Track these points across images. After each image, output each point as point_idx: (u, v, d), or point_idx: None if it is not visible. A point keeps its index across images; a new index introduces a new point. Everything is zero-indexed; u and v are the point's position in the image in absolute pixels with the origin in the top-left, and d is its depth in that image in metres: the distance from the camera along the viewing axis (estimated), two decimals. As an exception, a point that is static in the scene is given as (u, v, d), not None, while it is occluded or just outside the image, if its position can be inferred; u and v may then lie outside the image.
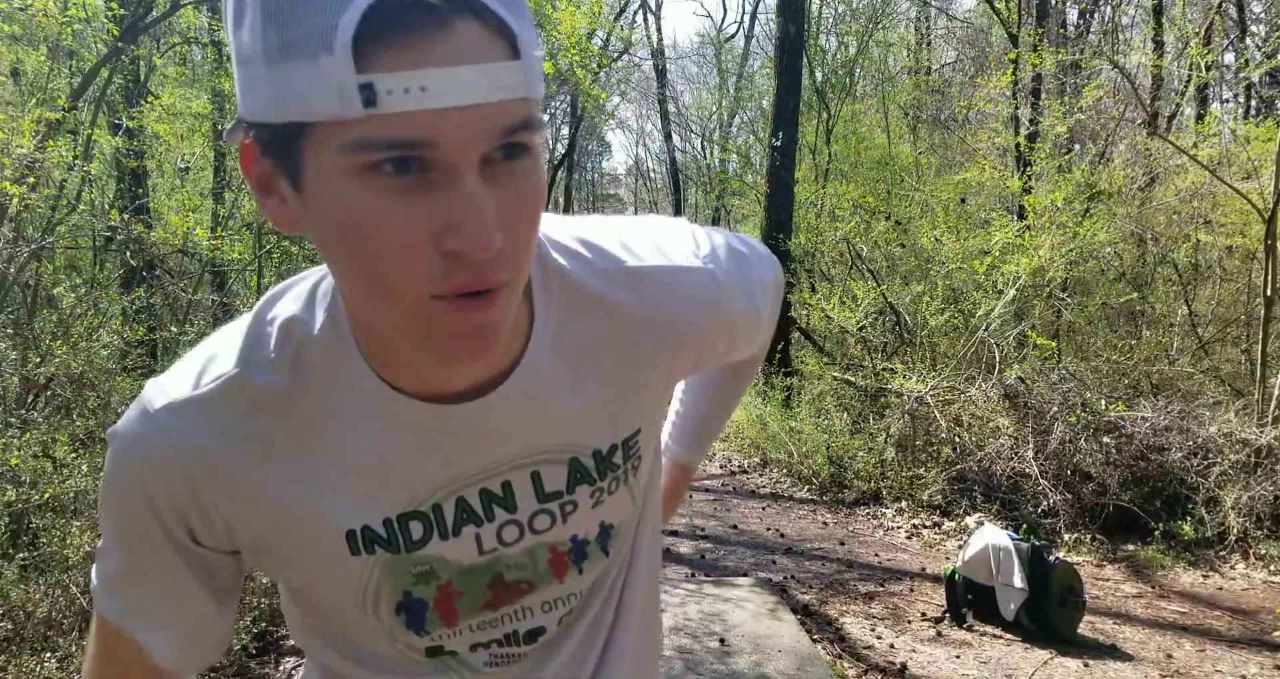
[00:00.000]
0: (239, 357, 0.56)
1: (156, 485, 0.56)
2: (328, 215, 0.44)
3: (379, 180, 0.42)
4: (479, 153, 0.43)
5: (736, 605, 3.61)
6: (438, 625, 0.63)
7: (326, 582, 0.61)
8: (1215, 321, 6.87)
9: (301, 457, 0.56)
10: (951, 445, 5.52)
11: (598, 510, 0.64)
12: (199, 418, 0.55)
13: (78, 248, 4.55)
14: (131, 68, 4.80)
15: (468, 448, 0.57)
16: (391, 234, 0.43)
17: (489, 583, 0.63)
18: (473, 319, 0.46)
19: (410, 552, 0.59)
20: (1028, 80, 8.34)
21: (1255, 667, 3.19)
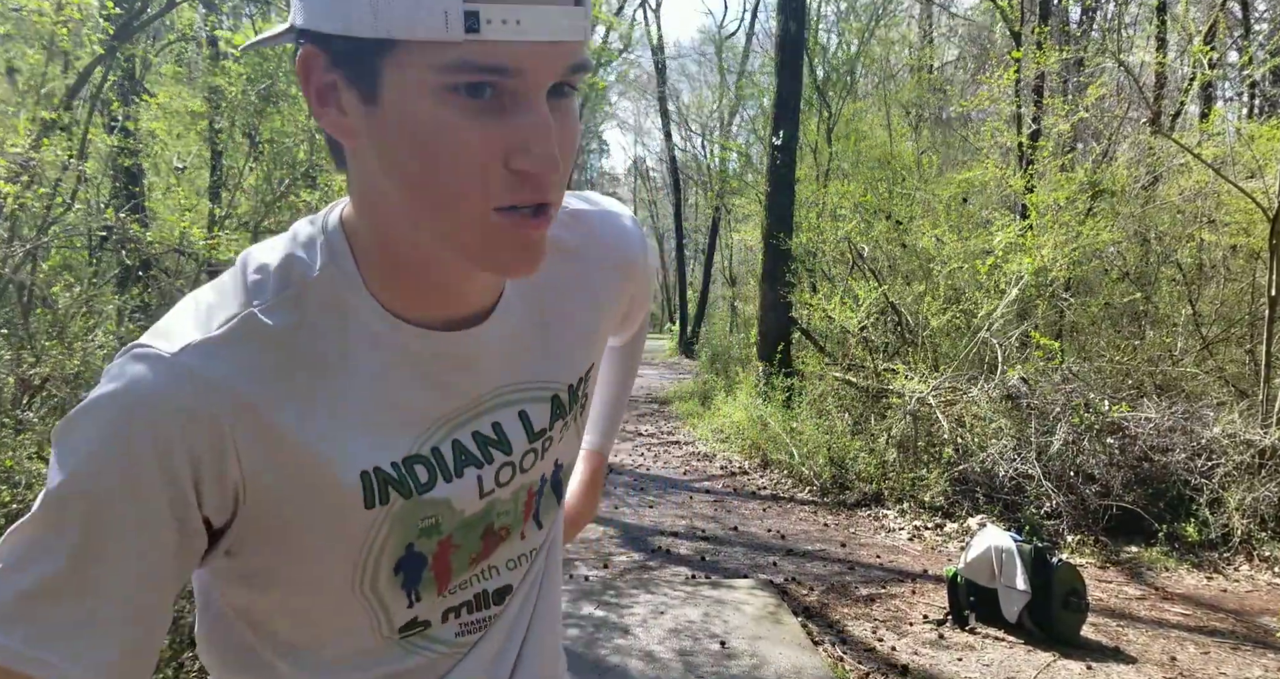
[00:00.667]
0: (242, 300, 0.55)
1: (176, 438, 0.51)
2: (405, 128, 0.48)
3: (458, 100, 0.47)
4: (547, 85, 0.49)
5: (736, 607, 3.59)
6: (430, 588, 0.63)
7: (328, 550, 0.58)
8: (1219, 322, 6.84)
9: (315, 396, 0.55)
10: (953, 446, 5.49)
11: (561, 446, 0.69)
12: (225, 357, 0.53)
13: (72, 247, 4.53)
14: (127, 66, 4.78)
15: (464, 376, 0.60)
16: (467, 149, 0.48)
17: (482, 533, 0.64)
18: (531, 234, 0.51)
19: (421, 495, 0.59)
20: (1030, 78, 8.30)
21: (1259, 669, 3.17)
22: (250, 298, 0.55)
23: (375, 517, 0.58)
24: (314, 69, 0.51)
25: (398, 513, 0.58)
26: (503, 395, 0.63)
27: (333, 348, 0.56)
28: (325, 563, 0.59)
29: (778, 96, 8.63)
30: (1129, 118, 8.62)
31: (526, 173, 0.49)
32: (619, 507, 5.52)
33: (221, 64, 4.87)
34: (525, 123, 0.48)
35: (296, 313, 0.55)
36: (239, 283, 0.56)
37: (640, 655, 3.08)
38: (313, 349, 0.55)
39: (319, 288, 0.56)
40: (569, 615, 3.46)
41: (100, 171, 5.13)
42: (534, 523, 0.69)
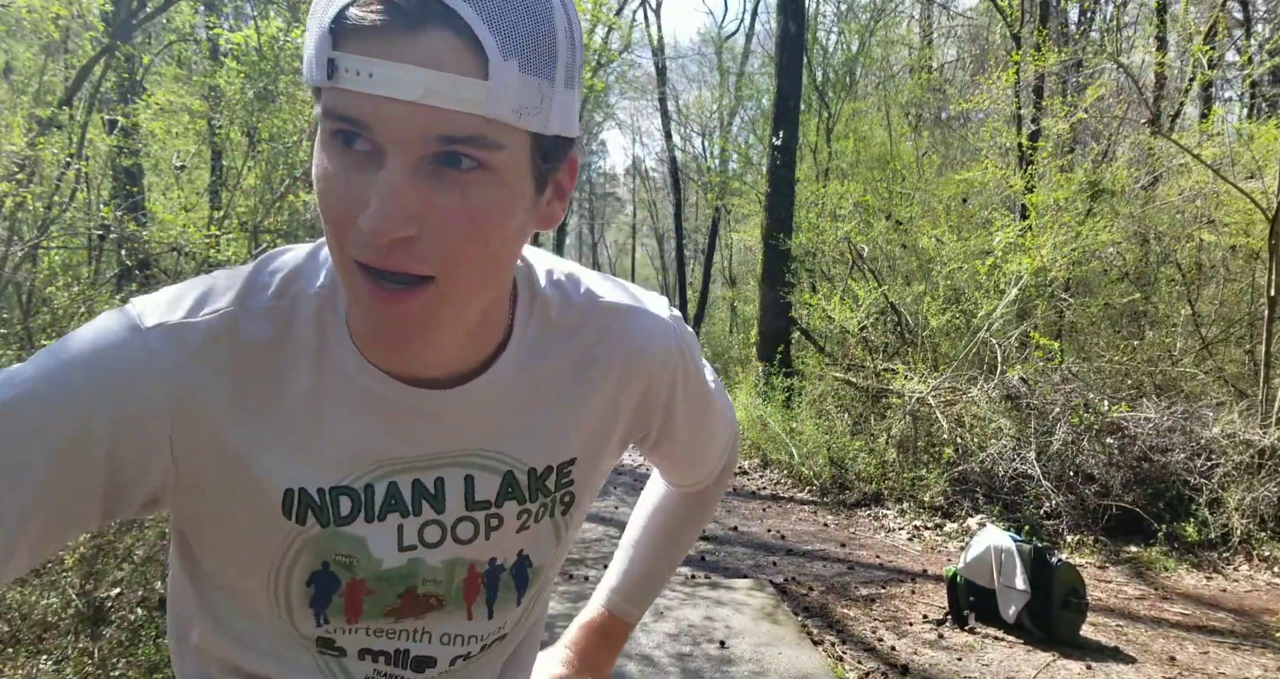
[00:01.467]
0: (237, 296, 0.56)
1: (124, 404, 0.52)
2: (313, 167, 0.51)
3: (336, 148, 0.49)
4: (415, 149, 0.47)
5: (736, 608, 3.59)
6: (339, 615, 0.62)
7: (247, 541, 0.59)
8: (1219, 322, 6.84)
9: (266, 410, 0.56)
10: (953, 446, 5.49)
11: (521, 537, 0.66)
12: (191, 352, 0.54)
13: (71, 247, 4.53)
14: (126, 65, 4.78)
15: (415, 431, 0.60)
16: (334, 196, 0.49)
17: (401, 592, 0.63)
18: (389, 309, 0.50)
19: (338, 527, 0.59)
20: (1030, 79, 8.31)
21: (1259, 669, 3.17)
22: (246, 296, 0.56)
23: (292, 531, 0.58)
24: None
25: (312, 538, 0.59)
26: (458, 458, 0.62)
27: (297, 367, 0.56)
28: (250, 550, 0.59)
29: (777, 97, 8.63)
30: (1128, 118, 8.62)
31: (365, 231, 0.48)
32: (619, 507, 5.52)
33: (221, 59, 4.87)
34: (375, 180, 0.47)
35: (278, 327, 0.56)
36: (247, 277, 0.57)
37: (640, 656, 3.08)
38: (278, 365, 0.56)
39: (309, 308, 0.57)
40: (570, 616, 3.46)
41: (100, 171, 5.13)
42: (484, 611, 0.67)
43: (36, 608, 2.54)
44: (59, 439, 0.51)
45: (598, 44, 12.99)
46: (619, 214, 44.41)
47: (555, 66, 0.48)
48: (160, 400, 0.53)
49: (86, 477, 0.53)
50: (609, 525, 5.05)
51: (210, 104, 5.22)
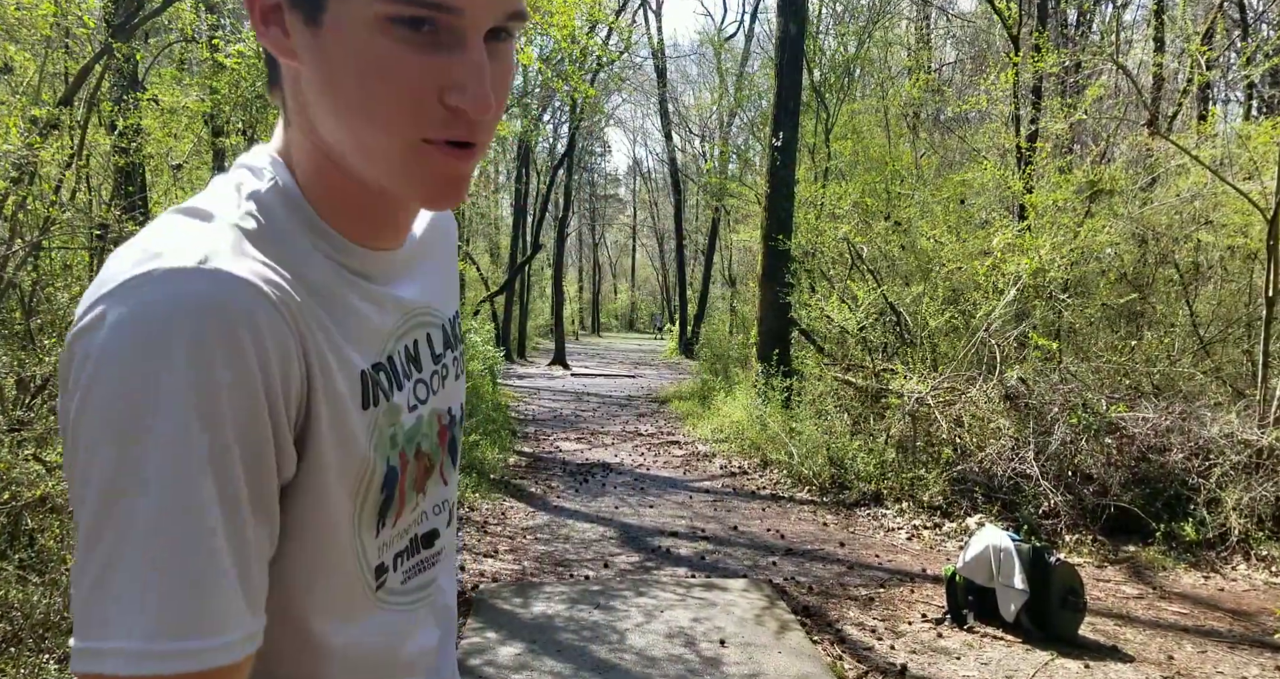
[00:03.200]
0: (214, 217, 0.52)
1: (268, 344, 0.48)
2: (345, 54, 0.50)
3: (398, 31, 0.49)
4: (487, 27, 0.51)
5: (736, 607, 3.60)
6: (391, 512, 0.63)
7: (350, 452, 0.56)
8: (1216, 322, 6.86)
9: (314, 300, 0.55)
10: (952, 446, 5.50)
11: (458, 384, 0.73)
12: (250, 255, 0.50)
13: (71, 247, 4.54)
14: (127, 66, 4.79)
15: (394, 293, 0.63)
16: (403, 79, 0.49)
17: (415, 452, 0.65)
18: (456, 167, 0.53)
19: (389, 400, 0.61)
20: (1028, 79, 8.32)
21: (1256, 668, 3.18)
22: (217, 215, 0.52)
23: (369, 420, 0.58)
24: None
25: (381, 418, 0.59)
26: (418, 316, 0.66)
27: (303, 258, 0.56)
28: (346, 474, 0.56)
29: (777, 98, 8.65)
30: (1127, 119, 8.64)
31: (459, 110, 0.50)
32: (619, 507, 5.53)
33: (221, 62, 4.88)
34: (462, 61, 0.50)
35: (265, 223, 0.54)
36: (189, 212, 0.53)
37: (640, 656, 3.09)
38: (290, 258, 0.54)
39: (275, 204, 0.56)
40: (571, 617, 3.47)
41: (100, 171, 5.14)
42: (450, 463, 0.71)
43: (39, 607, 2.55)
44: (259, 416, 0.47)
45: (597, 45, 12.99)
46: (620, 215, 44.41)
47: None
48: (279, 320, 0.49)
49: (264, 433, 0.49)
50: (608, 526, 5.06)
51: (210, 104, 5.23)
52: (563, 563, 4.27)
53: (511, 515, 5.22)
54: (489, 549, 4.46)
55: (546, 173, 20.21)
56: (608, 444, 7.98)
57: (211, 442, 0.45)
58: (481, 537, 4.69)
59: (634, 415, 10.13)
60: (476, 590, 3.74)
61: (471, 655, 3.03)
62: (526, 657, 3.03)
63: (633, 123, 49.30)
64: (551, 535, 4.80)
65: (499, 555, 4.36)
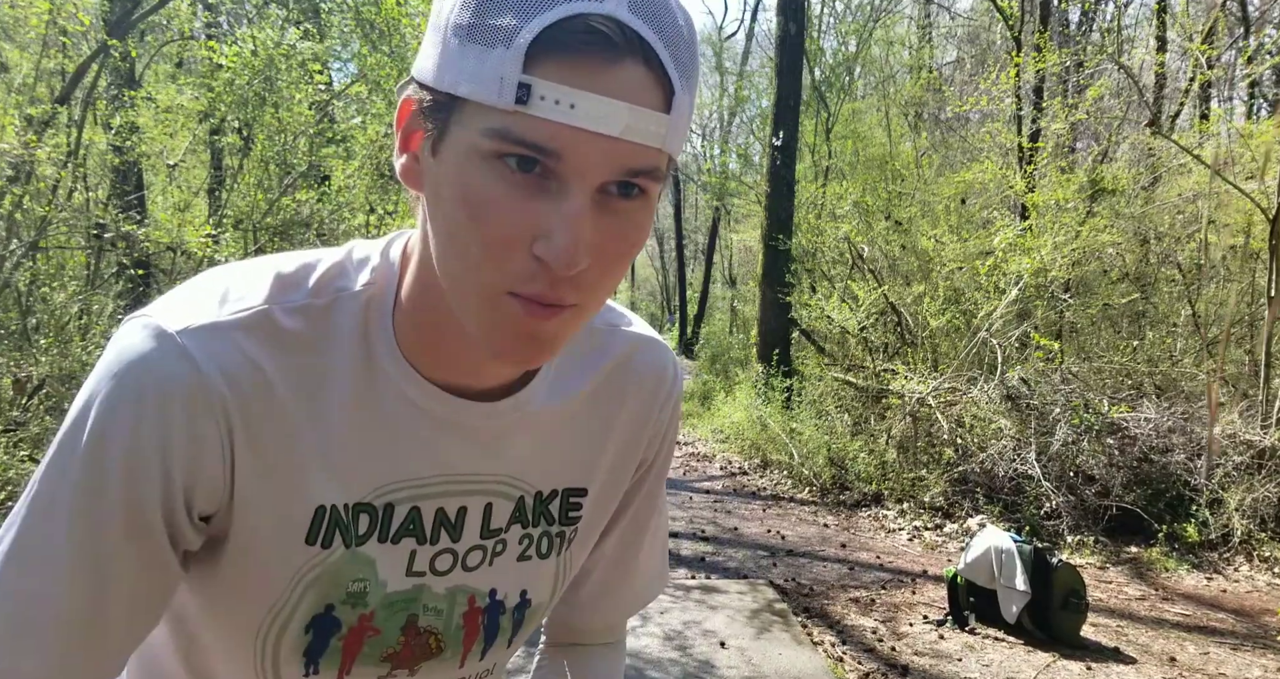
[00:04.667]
0: (268, 294, 0.53)
1: (169, 420, 0.49)
2: (452, 185, 0.48)
3: (503, 170, 0.46)
4: (599, 179, 0.46)
5: (736, 608, 3.59)
6: (332, 664, 0.59)
7: (258, 575, 0.55)
8: (1219, 322, 6.84)
9: (307, 415, 0.53)
10: (953, 447, 5.48)
11: (522, 567, 0.64)
12: (237, 342, 0.51)
13: (68, 247, 4.52)
14: (124, 64, 4.78)
15: (449, 449, 0.57)
16: (497, 220, 0.46)
17: (404, 624, 0.60)
18: (533, 326, 0.49)
19: (356, 547, 0.57)
20: (1030, 78, 8.31)
21: (1259, 669, 3.16)
22: (276, 295, 0.53)
23: (311, 557, 0.55)
24: (406, 115, 0.51)
25: (334, 562, 0.56)
26: (480, 482, 0.60)
27: (344, 375, 0.54)
28: (247, 594, 0.56)
29: (777, 97, 8.63)
30: (1128, 119, 8.62)
31: (544, 262, 0.46)
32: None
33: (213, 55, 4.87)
34: (557, 209, 0.45)
35: (319, 327, 0.53)
36: (271, 276, 0.54)
37: (641, 656, 3.08)
38: (321, 368, 0.53)
39: (350, 307, 0.54)
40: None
41: (97, 170, 5.12)
42: (478, 654, 0.65)
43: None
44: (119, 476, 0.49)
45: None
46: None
47: (693, 84, 0.49)
48: (205, 407, 0.50)
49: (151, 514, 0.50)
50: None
51: (207, 103, 5.22)
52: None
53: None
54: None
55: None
56: (607, 444, 7.97)
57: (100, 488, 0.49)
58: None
59: (634, 415, 10.11)
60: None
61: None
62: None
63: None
64: (551, 536, 4.79)
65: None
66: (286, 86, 5.19)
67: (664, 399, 0.68)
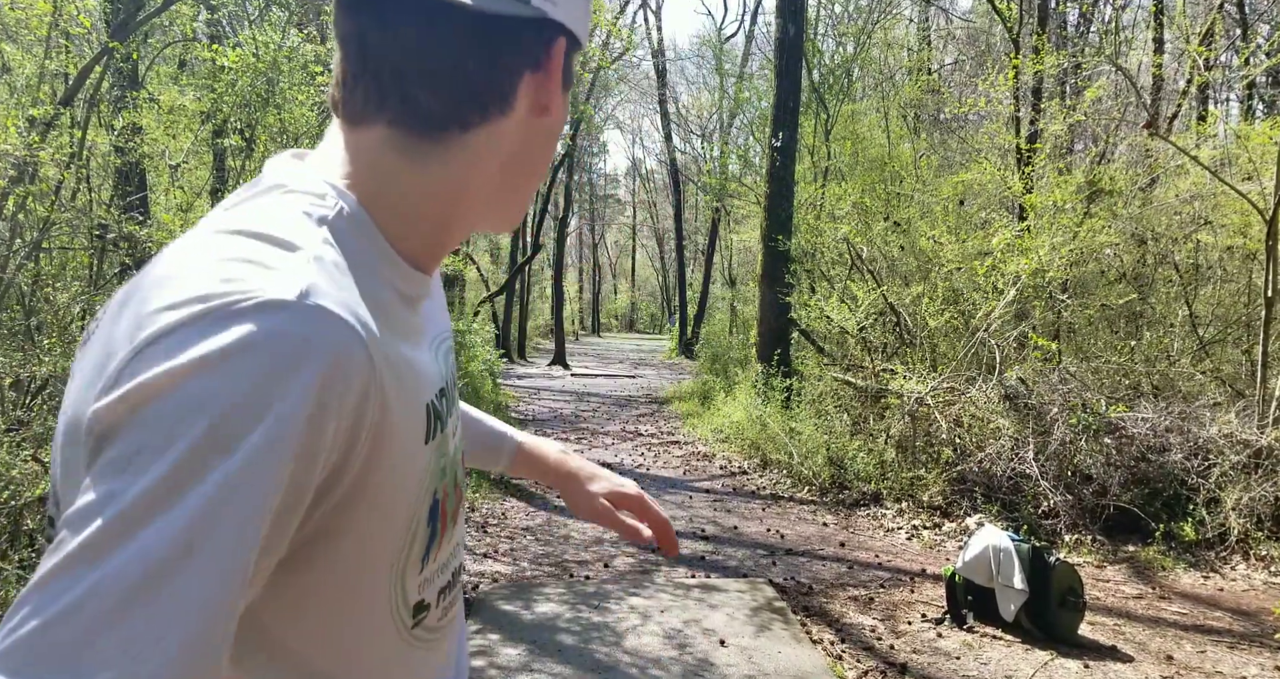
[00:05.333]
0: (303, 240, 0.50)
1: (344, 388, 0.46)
2: (553, 135, 0.62)
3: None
4: None
5: (736, 607, 3.60)
6: (435, 547, 0.61)
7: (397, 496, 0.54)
8: (1216, 322, 6.86)
9: (391, 330, 0.54)
10: (952, 446, 5.50)
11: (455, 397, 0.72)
12: (340, 294, 0.48)
13: (71, 248, 4.54)
14: (127, 65, 4.80)
15: (438, 316, 0.67)
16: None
17: (454, 481, 0.64)
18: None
19: (444, 430, 0.61)
20: (1028, 79, 8.33)
21: (1256, 668, 3.18)
22: (297, 237, 0.50)
23: (428, 453, 0.57)
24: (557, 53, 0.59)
25: (437, 449, 0.58)
26: (449, 339, 0.69)
27: (377, 282, 0.55)
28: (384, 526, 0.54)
29: (776, 99, 8.65)
30: (1126, 120, 8.65)
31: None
32: (618, 507, 5.53)
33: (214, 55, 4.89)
34: None
35: (343, 251, 0.52)
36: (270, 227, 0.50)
37: (640, 655, 3.09)
38: (367, 287, 0.53)
39: (345, 229, 0.54)
40: (571, 618, 3.47)
41: (100, 171, 5.14)
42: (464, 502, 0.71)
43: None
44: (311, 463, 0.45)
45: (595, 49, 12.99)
46: (619, 215, 44.41)
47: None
48: (366, 361, 0.47)
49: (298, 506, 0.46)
50: (608, 525, 5.06)
51: (209, 104, 5.24)
52: (562, 563, 4.27)
53: (511, 515, 5.23)
54: (489, 549, 4.46)
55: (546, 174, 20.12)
56: (608, 444, 7.99)
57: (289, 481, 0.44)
58: (481, 537, 4.69)
59: (634, 415, 10.12)
60: (476, 591, 3.74)
61: (474, 657, 3.03)
62: (528, 658, 3.04)
63: (634, 124, 49.32)
64: (551, 536, 4.80)
65: (499, 556, 4.37)
66: (289, 88, 5.21)
67: None
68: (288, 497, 0.45)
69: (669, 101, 23.17)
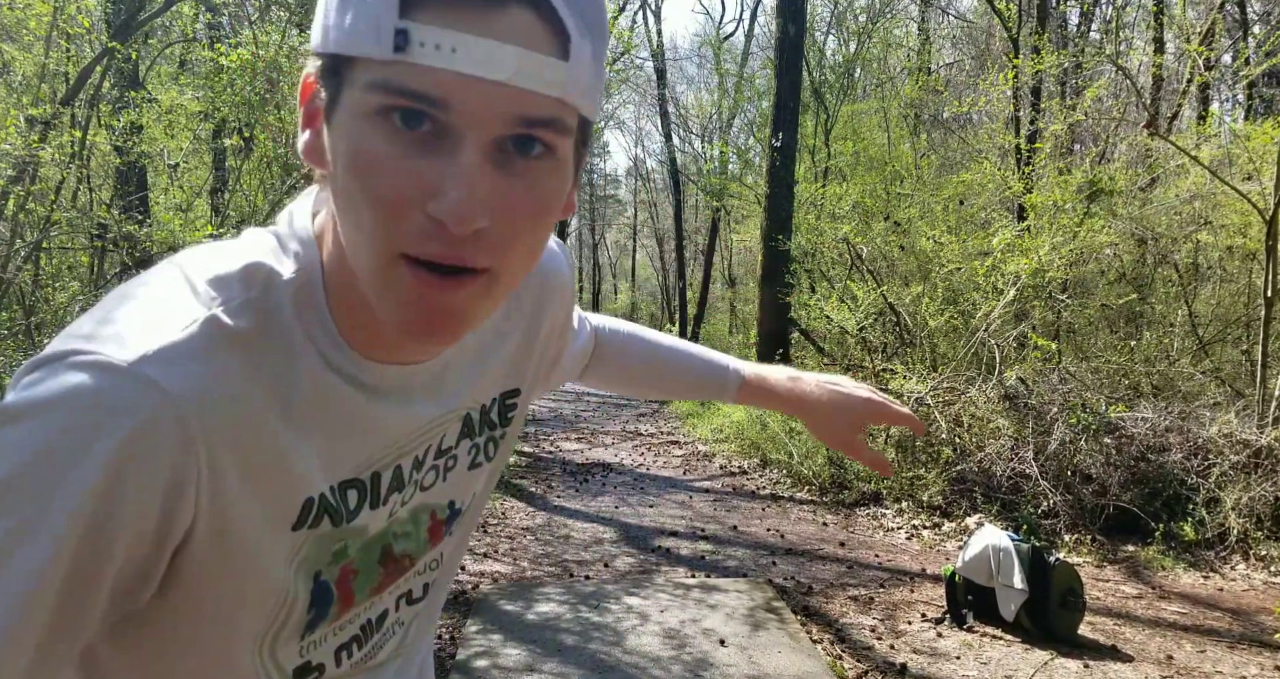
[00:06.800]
0: (202, 298, 0.48)
1: (149, 461, 0.43)
2: (341, 150, 0.45)
3: (389, 128, 0.43)
4: (491, 132, 0.44)
5: (736, 607, 3.61)
6: (328, 619, 0.58)
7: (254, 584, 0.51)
8: (1215, 322, 6.87)
9: (280, 416, 0.49)
10: (952, 446, 5.51)
11: (473, 475, 0.66)
12: (199, 358, 0.45)
13: (72, 248, 4.54)
14: (127, 66, 4.80)
15: (411, 410, 0.57)
16: (387, 181, 0.43)
17: (380, 557, 0.60)
18: (437, 298, 0.46)
19: (348, 523, 0.55)
20: (1028, 79, 8.33)
21: (1255, 668, 3.18)
22: (211, 297, 0.48)
23: (296, 541, 0.52)
24: (309, 92, 0.49)
25: (318, 537, 0.54)
26: (439, 421, 0.60)
27: (290, 362, 0.50)
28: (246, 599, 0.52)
29: (777, 99, 8.66)
30: (1126, 120, 8.65)
31: (438, 221, 0.43)
32: (619, 507, 5.53)
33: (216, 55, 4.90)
34: (448, 166, 0.43)
35: (261, 320, 0.49)
36: (191, 280, 0.49)
37: (640, 655, 3.10)
38: (277, 364, 0.49)
39: (287, 293, 0.50)
40: (572, 618, 3.48)
41: (100, 171, 5.14)
42: (437, 554, 0.66)
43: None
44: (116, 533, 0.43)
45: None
46: (620, 216, 44.45)
47: (606, 48, 0.48)
48: (184, 440, 0.44)
49: (97, 582, 0.44)
50: (608, 526, 5.06)
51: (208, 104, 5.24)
52: (563, 563, 4.28)
53: (511, 515, 5.23)
54: (489, 549, 4.47)
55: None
56: (608, 444, 7.99)
57: (78, 550, 0.42)
58: (481, 537, 4.69)
59: (634, 415, 10.13)
60: (477, 590, 3.75)
61: (476, 658, 3.03)
62: (530, 659, 3.04)
63: (633, 123, 49.36)
64: (551, 535, 4.81)
65: (499, 555, 4.37)
66: (289, 88, 5.22)
67: (568, 278, 0.71)
68: (75, 569, 0.42)
69: (669, 101, 23.18)
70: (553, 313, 0.69)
